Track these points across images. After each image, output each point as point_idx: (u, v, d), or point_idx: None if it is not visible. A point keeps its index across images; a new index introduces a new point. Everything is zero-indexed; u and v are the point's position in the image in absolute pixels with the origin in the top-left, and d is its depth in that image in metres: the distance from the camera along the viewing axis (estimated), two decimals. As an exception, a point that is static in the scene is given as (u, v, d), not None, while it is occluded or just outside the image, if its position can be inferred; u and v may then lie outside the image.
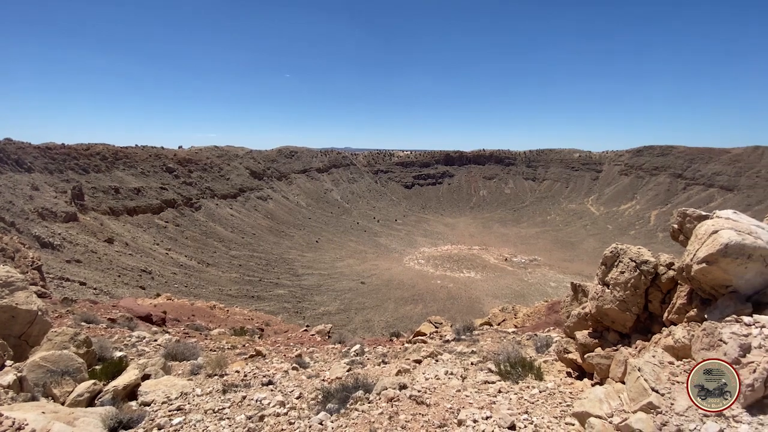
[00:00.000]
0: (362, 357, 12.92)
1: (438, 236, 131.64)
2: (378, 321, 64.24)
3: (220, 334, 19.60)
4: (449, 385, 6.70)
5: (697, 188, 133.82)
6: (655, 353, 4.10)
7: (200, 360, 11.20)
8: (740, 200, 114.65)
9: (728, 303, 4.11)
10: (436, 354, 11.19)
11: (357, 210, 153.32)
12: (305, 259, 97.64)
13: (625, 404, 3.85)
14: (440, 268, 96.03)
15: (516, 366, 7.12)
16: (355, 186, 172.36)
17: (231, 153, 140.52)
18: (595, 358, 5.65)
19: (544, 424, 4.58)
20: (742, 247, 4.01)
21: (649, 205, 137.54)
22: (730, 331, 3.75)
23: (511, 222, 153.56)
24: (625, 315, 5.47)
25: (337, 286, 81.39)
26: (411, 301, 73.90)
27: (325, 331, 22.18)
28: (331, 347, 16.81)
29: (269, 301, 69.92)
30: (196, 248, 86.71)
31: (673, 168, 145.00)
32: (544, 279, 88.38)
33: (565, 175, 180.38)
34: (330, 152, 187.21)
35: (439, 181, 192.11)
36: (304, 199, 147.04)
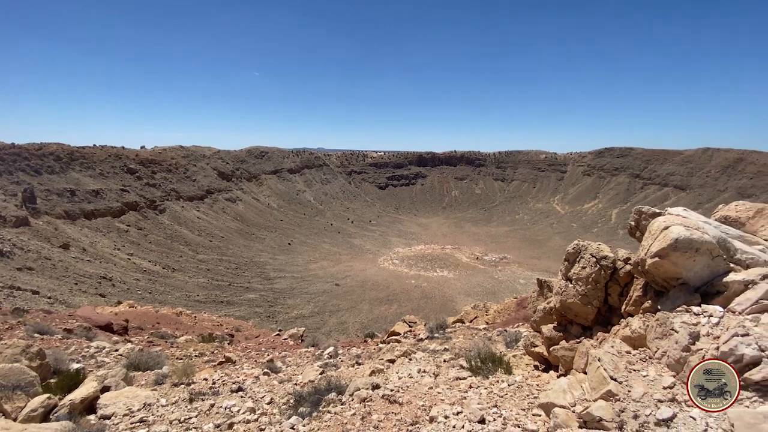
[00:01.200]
0: (336, 359, 12.82)
1: (412, 236, 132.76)
2: (353, 322, 63.94)
3: (188, 341, 18.91)
4: (422, 383, 6.76)
5: (654, 187, 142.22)
6: (614, 344, 4.32)
7: (165, 369, 10.76)
8: (692, 198, 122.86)
9: (679, 294, 4.39)
10: (410, 353, 11.27)
11: (330, 211, 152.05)
12: (277, 262, 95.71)
13: (586, 393, 4.02)
14: (414, 268, 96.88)
15: (486, 361, 7.29)
16: (329, 187, 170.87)
17: (197, 153, 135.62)
18: (560, 350, 5.89)
19: (512, 416, 4.71)
20: (691, 242, 4.30)
21: (610, 203, 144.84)
22: (681, 320, 4.00)
23: (482, 221, 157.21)
24: (587, 308, 5.73)
25: (310, 288, 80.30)
26: (386, 301, 74.06)
27: (298, 334, 21.84)
28: (304, 351, 16.57)
29: (240, 306, 68.00)
30: (160, 253, 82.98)
31: (631, 168, 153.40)
32: (514, 276, 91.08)
33: (532, 176, 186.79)
34: (302, 153, 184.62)
35: (413, 182, 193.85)
36: (275, 200, 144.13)
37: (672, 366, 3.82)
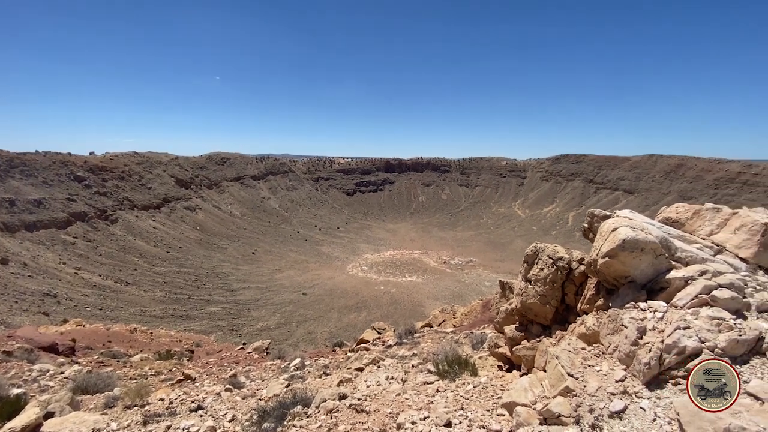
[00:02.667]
0: (303, 371, 12.49)
1: (380, 242, 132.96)
2: (321, 332, 62.76)
3: (143, 359, 17.77)
4: (390, 390, 6.72)
5: (606, 192, 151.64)
6: (570, 341, 4.51)
7: (117, 391, 10.03)
8: (640, 201, 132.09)
9: (627, 292, 4.67)
10: (378, 360, 11.19)
11: (297, 218, 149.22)
12: (240, 273, 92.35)
13: (546, 390, 4.16)
14: (383, 274, 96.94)
15: (453, 364, 7.36)
16: (295, 194, 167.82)
17: (153, 159, 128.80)
18: (522, 350, 6.07)
19: (477, 418, 4.77)
20: (636, 242, 4.59)
21: (566, 207, 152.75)
22: (630, 316, 4.25)
23: (448, 226, 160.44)
24: (546, 308, 5.96)
25: (276, 299, 78.07)
26: (355, 309, 73.42)
27: (264, 347, 21.09)
28: (269, 364, 16.04)
29: (200, 319, 64.82)
30: (112, 266, 77.62)
31: (585, 174, 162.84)
32: (479, 279, 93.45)
33: (494, 182, 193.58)
34: (266, 159, 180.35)
35: (381, 188, 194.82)
36: (238, 208, 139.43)
37: (623, 360, 4.04)
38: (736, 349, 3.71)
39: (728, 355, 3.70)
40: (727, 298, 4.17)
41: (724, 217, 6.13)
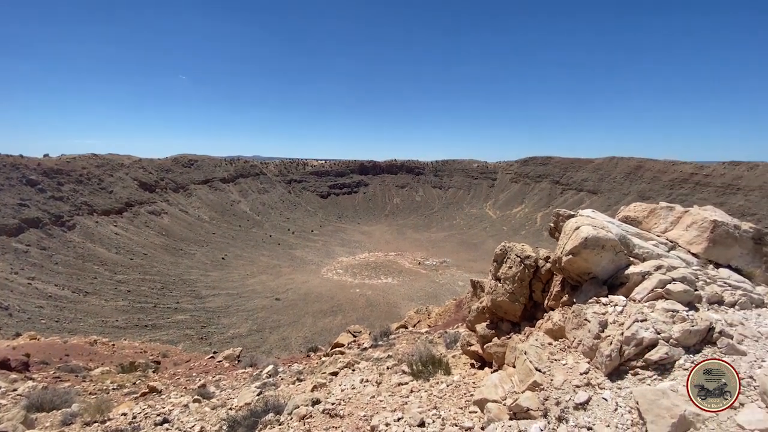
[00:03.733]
0: (276, 378, 12.22)
1: (356, 245, 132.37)
2: (295, 338, 61.62)
3: (104, 373, 16.88)
4: (364, 393, 6.68)
5: (571, 192, 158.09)
6: (538, 337, 4.66)
7: (75, 407, 9.47)
8: (602, 201, 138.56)
9: (590, 288, 4.88)
10: (353, 363, 11.12)
11: (269, 222, 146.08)
12: (210, 279, 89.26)
13: (515, 386, 4.27)
14: (359, 277, 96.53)
15: (427, 364, 7.42)
16: (267, 197, 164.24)
17: (114, 162, 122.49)
18: (493, 347, 6.20)
19: (450, 416, 4.82)
20: (597, 240, 4.81)
21: (535, 208, 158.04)
22: (592, 311, 4.43)
23: (422, 227, 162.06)
24: (515, 305, 6.13)
25: (248, 305, 75.99)
26: (330, 313, 72.63)
27: (235, 355, 20.46)
28: (241, 372, 15.60)
29: (167, 329, 62.09)
30: (69, 275, 73.01)
31: (552, 176, 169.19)
32: (453, 279, 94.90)
33: (466, 183, 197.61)
34: (236, 161, 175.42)
35: (355, 190, 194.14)
36: (206, 212, 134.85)
37: (586, 353, 4.21)
38: (688, 339, 3.94)
39: (682, 345, 3.93)
40: (680, 291, 4.43)
41: (677, 215, 6.53)
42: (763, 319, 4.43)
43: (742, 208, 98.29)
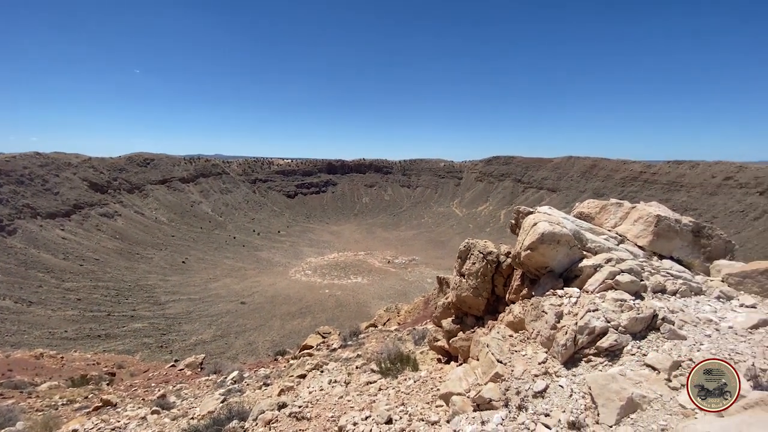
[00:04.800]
0: (241, 384, 11.85)
1: (324, 245, 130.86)
2: (263, 342, 60.03)
3: (52, 388, 15.71)
4: (332, 394, 6.62)
5: (532, 191, 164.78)
6: (499, 329, 4.82)
7: (20, 425, 8.80)
8: (561, 199, 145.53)
9: (547, 281, 5.11)
10: (322, 365, 10.99)
11: (233, 223, 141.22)
12: (169, 284, 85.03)
13: (479, 378, 4.39)
14: (328, 277, 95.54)
15: (395, 362, 7.47)
16: (230, 197, 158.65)
17: (61, 161, 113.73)
18: (458, 341, 6.35)
19: (417, 411, 4.88)
20: (553, 235, 5.04)
21: (499, 205, 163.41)
22: (549, 303, 4.65)
23: (391, 226, 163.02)
24: (479, 300, 6.31)
25: (211, 310, 73.13)
26: (299, 315, 71.38)
27: (197, 362, 19.63)
28: (204, 380, 14.99)
29: (123, 338, 58.54)
30: (10, 284, 66.98)
31: (514, 174, 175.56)
32: (422, 276, 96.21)
33: (434, 182, 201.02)
34: (197, 160, 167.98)
35: (323, 190, 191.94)
36: (164, 213, 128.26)
37: (544, 343, 4.40)
38: (635, 326, 4.22)
39: (629, 332, 4.20)
40: (627, 282, 4.74)
41: (625, 210, 6.98)
42: (701, 305, 4.83)
43: (685, 203, 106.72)
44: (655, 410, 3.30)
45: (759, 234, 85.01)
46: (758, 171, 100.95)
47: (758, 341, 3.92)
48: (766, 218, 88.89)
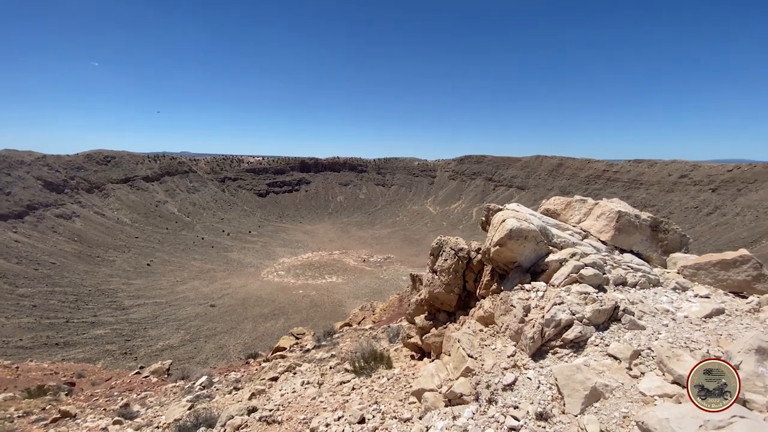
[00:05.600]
0: (210, 389, 11.46)
1: (298, 244, 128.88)
2: (234, 345, 58.43)
3: (7, 399, 14.80)
4: (305, 396, 6.50)
5: (503, 188, 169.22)
6: (470, 324, 4.87)
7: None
8: (530, 197, 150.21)
9: (515, 275, 5.22)
10: (295, 366, 10.79)
11: (201, 224, 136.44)
12: (133, 288, 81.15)
13: (450, 373, 4.42)
14: (302, 277, 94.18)
15: (369, 360, 7.42)
16: (197, 196, 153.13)
17: (12, 159, 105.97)
18: (431, 338, 6.39)
19: (390, 409, 4.86)
20: (521, 231, 5.15)
21: (471, 203, 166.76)
22: (517, 297, 4.74)
23: (366, 225, 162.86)
24: (450, 296, 6.37)
25: (179, 314, 70.41)
26: (271, 316, 69.97)
27: (164, 368, 18.83)
28: (170, 386, 14.39)
29: (83, 346, 55.36)
30: (-48, 292, 61.81)
31: (485, 173, 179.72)
32: (397, 274, 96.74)
33: (408, 181, 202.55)
34: (162, 157, 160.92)
35: (296, 188, 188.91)
36: (127, 214, 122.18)
37: (513, 336, 4.49)
38: (598, 317, 4.37)
39: (593, 323, 4.35)
40: (591, 275, 4.91)
41: (588, 207, 7.24)
42: (659, 296, 5.07)
43: (644, 200, 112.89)
44: (617, 398, 3.42)
45: (711, 228, 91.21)
46: (710, 169, 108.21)
47: (711, 330, 4.15)
48: (718, 214, 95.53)
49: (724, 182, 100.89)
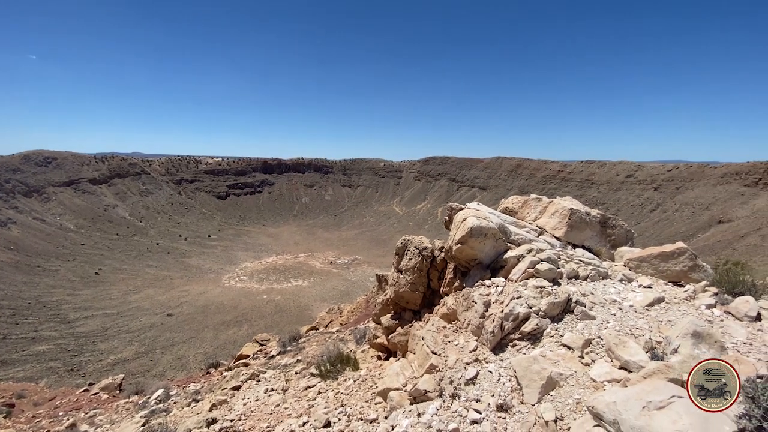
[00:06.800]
0: (167, 403, 10.83)
1: (261, 248, 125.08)
2: (194, 355, 55.65)
3: (-66, 427, 13.11)
4: (268, 403, 6.31)
5: (465, 189, 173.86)
6: (434, 321, 4.95)
7: None
8: (491, 196, 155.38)
9: (476, 272, 5.36)
10: (258, 374, 10.46)
11: (155, 228, 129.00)
12: (80, 299, 75.22)
13: (415, 371, 4.46)
14: (266, 282, 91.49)
15: (335, 363, 7.33)
16: (151, 199, 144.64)
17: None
18: (397, 337, 6.42)
19: (356, 411, 4.82)
20: (481, 229, 5.30)
21: (436, 203, 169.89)
22: (478, 293, 4.87)
23: (333, 226, 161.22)
24: (415, 294, 6.44)
25: (132, 325, 66.09)
26: (234, 323, 67.38)
27: (115, 384, 17.56)
28: (123, 403, 13.47)
29: (23, 364, 50.54)
30: None
31: (449, 174, 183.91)
32: (365, 275, 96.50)
33: (374, 182, 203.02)
34: (110, 158, 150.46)
35: (259, 190, 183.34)
36: (72, 219, 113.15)
37: (474, 332, 4.61)
38: (553, 310, 4.59)
39: (549, 315, 4.56)
40: (546, 270, 5.14)
41: (543, 205, 7.59)
42: (607, 288, 5.40)
43: (596, 198, 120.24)
44: (571, 386, 3.60)
45: (654, 224, 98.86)
46: (653, 170, 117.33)
47: (653, 317, 4.47)
48: (659, 210, 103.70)
49: (664, 181, 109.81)
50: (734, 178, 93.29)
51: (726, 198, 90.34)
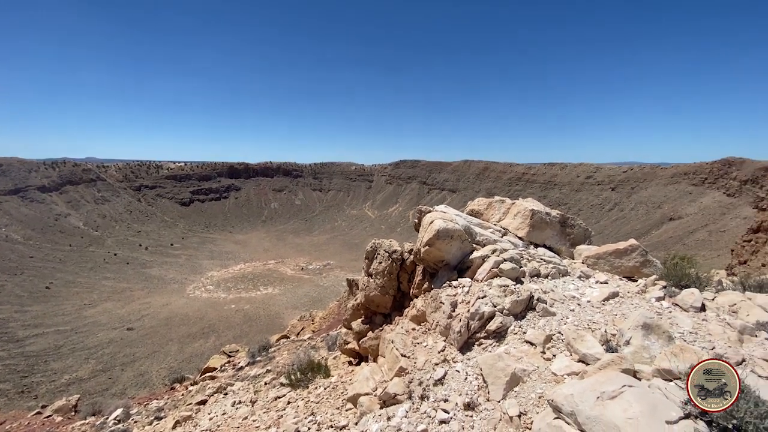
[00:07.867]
0: (127, 422, 10.23)
1: (228, 256, 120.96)
2: (157, 370, 52.81)
3: None
4: (236, 417, 6.10)
5: (436, 191, 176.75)
6: (403, 324, 4.99)
7: None
8: (460, 199, 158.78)
9: (444, 273, 5.46)
10: (226, 386, 10.10)
11: (112, 238, 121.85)
12: (29, 315, 69.62)
13: (385, 375, 4.47)
14: (233, 291, 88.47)
15: (306, 371, 7.20)
16: (107, 207, 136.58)
17: None
18: (368, 341, 6.41)
19: (327, 419, 4.76)
20: (447, 231, 5.41)
21: (407, 206, 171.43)
22: (446, 294, 4.96)
23: (304, 231, 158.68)
24: (386, 297, 6.46)
25: (88, 341, 61.87)
26: (200, 335, 64.60)
27: (70, 405, 16.35)
28: (78, 425, 12.58)
29: (-38, 389, 46.05)
30: None
31: (420, 177, 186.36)
32: (337, 280, 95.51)
33: (346, 186, 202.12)
34: (62, 164, 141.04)
35: (225, 195, 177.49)
36: (19, 230, 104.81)
37: (443, 332, 4.68)
38: (516, 307, 4.74)
39: (512, 313, 4.71)
40: (509, 269, 5.31)
41: (507, 206, 7.85)
42: (567, 285, 5.64)
43: (558, 199, 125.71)
44: (534, 381, 3.73)
45: (612, 222, 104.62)
46: (610, 171, 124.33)
47: (609, 311, 4.72)
48: (617, 209, 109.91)
49: (621, 182, 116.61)
50: (683, 178, 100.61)
51: (676, 197, 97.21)
